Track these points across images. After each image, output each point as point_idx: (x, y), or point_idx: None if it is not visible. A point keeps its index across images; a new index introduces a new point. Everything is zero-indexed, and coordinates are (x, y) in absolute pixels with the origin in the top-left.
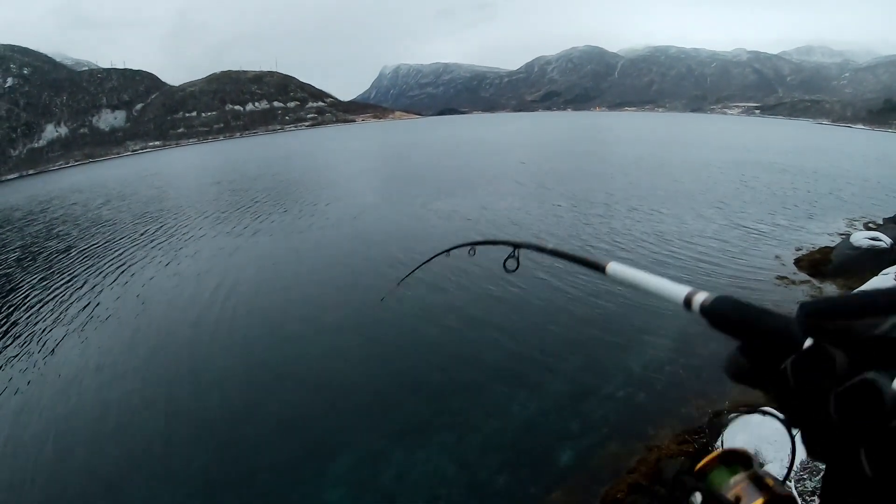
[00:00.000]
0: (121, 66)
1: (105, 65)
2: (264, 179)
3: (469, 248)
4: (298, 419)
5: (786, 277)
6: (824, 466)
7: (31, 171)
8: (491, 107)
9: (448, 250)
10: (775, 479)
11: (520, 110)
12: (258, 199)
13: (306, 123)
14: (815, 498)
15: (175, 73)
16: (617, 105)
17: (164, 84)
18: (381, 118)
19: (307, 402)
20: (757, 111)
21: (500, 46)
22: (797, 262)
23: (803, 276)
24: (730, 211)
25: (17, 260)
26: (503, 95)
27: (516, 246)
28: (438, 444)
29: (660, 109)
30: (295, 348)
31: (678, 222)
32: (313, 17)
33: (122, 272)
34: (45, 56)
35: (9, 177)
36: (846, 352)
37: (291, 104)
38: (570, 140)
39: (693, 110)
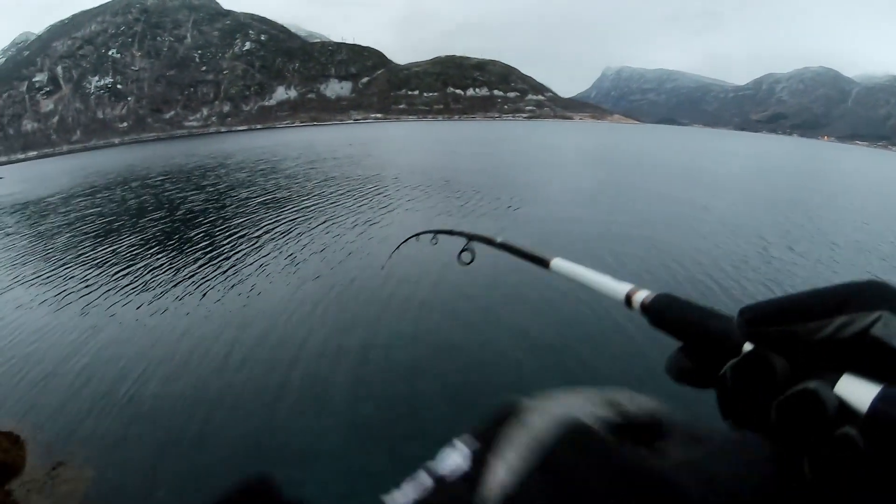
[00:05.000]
0: (350, 42)
1: (336, 39)
2: (438, 166)
3: (432, 235)
4: (450, 393)
5: None
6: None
7: (258, 126)
8: (712, 122)
9: (417, 234)
10: None
11: (742, 129)
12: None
13: (524, 115)
14: None
15: (401, 52)
16: (847, 137)
17: (390, 62)
18: (598, 119)
19: (465, 374)
20: None
21: (727, 58)
22: None
23: None
24: None
25: (214, 197)
26: (726, 111)
27: (469, 238)
28: None
29: (893, 148)
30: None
31: None
32: (540, 11)
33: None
34: (281, 26)
35: (239, 128)
36: (788, 357)
37: (511, 94)
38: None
39: None
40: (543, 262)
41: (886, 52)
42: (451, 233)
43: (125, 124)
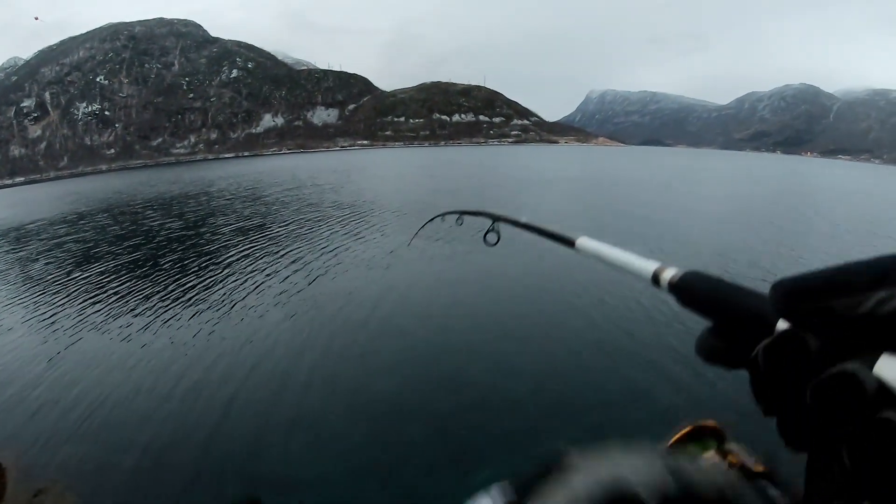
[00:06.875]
0: (337, 69)
1: (322, 66)
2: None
3: (458, 216)
4: (449, 419)
5: None
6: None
7: (246, 154)
8: (696, 142)
9: (443, 215)
10: (747, 454)
11: (726, 148)
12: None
13: (509, 140)
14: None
15: (387, 79)
16: (830, 152)
17: (377, 88)
18: (583, 142)
19: (466, 398)
20: None
21: (710, 78)
22: None
23: None
24: None
25: (191, 225)
26: (710, 131)
27: (495, 219)
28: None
29: (876, 161)
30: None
31: None
32: (525, 36)
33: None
34: (268, 53)
35: (226, 155)
36: (825, 335)
37: (497, 119)
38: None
39: None
40: (568, 242)
41: (866, 66)
42: (476, 213)
43: (112, 151)
